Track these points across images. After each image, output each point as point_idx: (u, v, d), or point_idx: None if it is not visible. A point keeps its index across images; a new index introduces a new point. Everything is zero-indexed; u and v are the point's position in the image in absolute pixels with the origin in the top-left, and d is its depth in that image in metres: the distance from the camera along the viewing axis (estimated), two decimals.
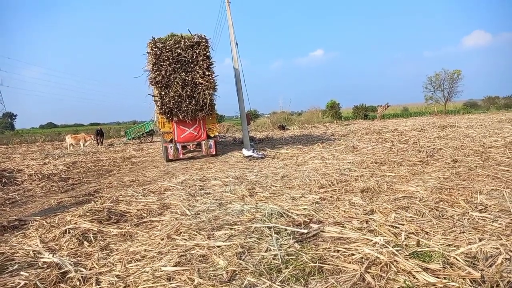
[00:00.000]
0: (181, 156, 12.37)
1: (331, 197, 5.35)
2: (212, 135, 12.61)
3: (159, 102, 11.36)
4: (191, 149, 13.45)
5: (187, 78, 11.16)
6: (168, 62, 11.04)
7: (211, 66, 11.58)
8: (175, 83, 11.11)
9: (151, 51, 11.15)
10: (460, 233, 3.51)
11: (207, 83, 11.29)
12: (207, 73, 11.31)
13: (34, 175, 9.87)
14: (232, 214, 4.72)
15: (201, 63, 11.28)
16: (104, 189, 7.64)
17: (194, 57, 11.25)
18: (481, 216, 3.94)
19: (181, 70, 11.16)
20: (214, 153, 12.53)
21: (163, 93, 11.21)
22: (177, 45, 11.21)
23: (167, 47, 11.12)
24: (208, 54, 11.45)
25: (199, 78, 11.23)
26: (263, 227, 4.07)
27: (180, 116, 11.55)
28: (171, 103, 11.24)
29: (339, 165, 8.04)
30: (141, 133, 25.86)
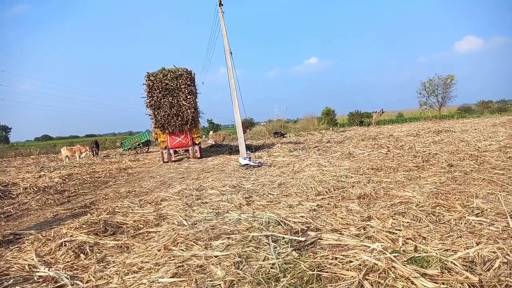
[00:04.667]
0: (173, 159, 15.78)
1: (328, 204, 5.34)
2: (197, 142, 16.18)
3: (153, 120, 15.37)
4: (181, 153, 16.88)
5: (173, 101, 15.08)
6: (158, 90, 14.99)
7: (192, 91, 15.39)
8: (165, 105, 15.07)
9: (146, 83, 15.15)
10: (457, 237, 3.52)
11: (189, 104, 15.19)
12: (189, 97, 15.21)
13: (29, 188, 9.80)
14: (229, 223, 4.70)
15: (184, 89, 15.13)
16: (100, 201, 7.58)
17: (178, 85, 15.11)
18: (477, 220, 3.95)
19: (169, 96, 15.08)
20: (199, 156, 15.91)
21: (156, 113, 15.14)
22: (165, 77, 15.09)
23: (158, 79, 15.05)
24: (189, 82, 15.25)
25: (183, 101, 15.15)
26: (260, 235, 4.05)
27: (170, 129, 15.45)
28: (163, 120, 15.18)
29: (335, 172, 8.05)
30: (137, 143, 25.80)
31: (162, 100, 15.04)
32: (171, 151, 15.81)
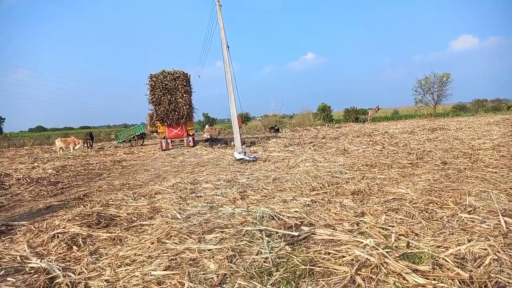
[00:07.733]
0: (170, 147, 18.78)
1: (322, 199, 5.36)
2: (191, 134, 19.25)
3: (155, 114, 18.49)
4: (177, 143, 20.30)
5: (171, 98, 18.10)
6: (159, 89, 17.99)
7: (188, 91, 18.39)
8: (164, 101, 18.07)
9: (149, 83, 18.11)
10: (449, 234, 3.55)
11: (184, 101, 18.23)
12: (184, 95, 18.24)
13: (23, 179, 9.72)
14: (223, 217, 4.70)
15: (180, 88, 18.15)
16: (94, 193, 7.54)
17: (176, 85, 18.11)
18: (469, 218, 3.98)
19: (168, 94, 18.06)
20: (192, 145, 18.82)
21: (157, 108, 18.17)
22: (165, 79, 18.02)
23: (159, 80, 17.97)
24: (185, 83, 18.27)
25: (179, 98, 18.16)
26: (254, 230, 4.06)
27: (169, 122, 18.44)
28: (162, 114, 18.17)
29: (330, 168, 8.07)
30: (132, 136, 25.65)
31: (162, 98, 17.98)
32: (169, 140, 18.87)
